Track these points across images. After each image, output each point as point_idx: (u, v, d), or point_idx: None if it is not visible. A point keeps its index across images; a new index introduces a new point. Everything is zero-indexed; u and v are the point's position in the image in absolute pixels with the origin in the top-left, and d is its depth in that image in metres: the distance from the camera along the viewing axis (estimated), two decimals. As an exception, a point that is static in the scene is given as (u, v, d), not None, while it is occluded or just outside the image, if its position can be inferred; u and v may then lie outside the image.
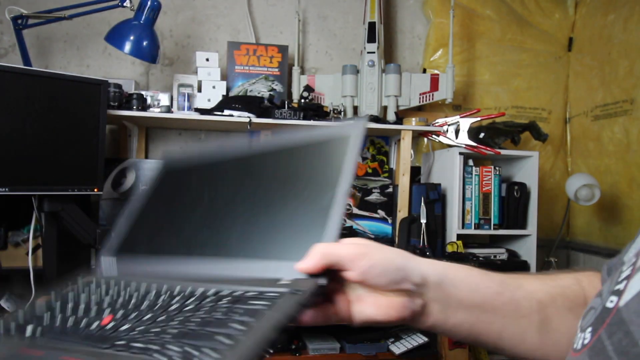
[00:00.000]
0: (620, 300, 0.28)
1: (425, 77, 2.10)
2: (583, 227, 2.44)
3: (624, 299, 0.27)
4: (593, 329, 0.29)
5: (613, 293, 0.29)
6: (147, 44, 1.69)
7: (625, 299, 0.27)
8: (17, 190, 1.37)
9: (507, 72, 2.41)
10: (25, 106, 1.38)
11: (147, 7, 1.69)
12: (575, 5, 2.48)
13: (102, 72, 2.04)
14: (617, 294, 0.28)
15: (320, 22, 2.26)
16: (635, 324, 0.25)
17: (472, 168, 2.01)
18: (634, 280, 0.27)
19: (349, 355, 1.66)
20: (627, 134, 2.15)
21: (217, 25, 2.16)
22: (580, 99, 2.44)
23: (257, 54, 2.01)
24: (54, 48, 2.01)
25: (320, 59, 2.27)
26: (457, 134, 2.02)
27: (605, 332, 0.28)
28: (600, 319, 0.29)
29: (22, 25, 1.67)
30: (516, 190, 2.05)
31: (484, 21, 2.36)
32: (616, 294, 0.28)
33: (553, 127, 2.47)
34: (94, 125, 1.54)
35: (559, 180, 2.46)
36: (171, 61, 2.11)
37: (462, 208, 1.98)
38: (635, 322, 0.25)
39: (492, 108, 2.38)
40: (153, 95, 1.82)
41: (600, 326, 0.28)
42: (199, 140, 2.14)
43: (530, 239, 2.07)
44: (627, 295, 0.27)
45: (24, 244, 1.73)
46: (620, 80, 2.19)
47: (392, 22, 2.34)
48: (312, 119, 1.87)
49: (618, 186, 2.21)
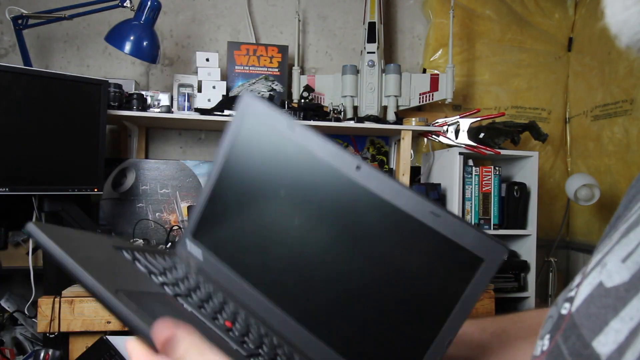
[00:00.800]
0: (572, 306, 0.29)
1: (425, 77, 2.10)
2: (583, 227, 2.44)
3: (575, 305, 0.29)
4: (550, 335, 0.31)
5: (566, 300, 0.31)
6: (147, 44, 1.69)
7: (576, 305, 0.29)
8: (17, 190, 1.37)
9: (507, 72, 2.41)
10: (25, 106, 1.39)
11: (147, 7, 1.69)
12: (575, 6, 2.49)
13: (102, 72, 2.04)
14: (570, 300, 0.30)
15: (320, 22, 2.27)
16: (585, 327, 0.27)
17: (472, 168, 2.01)
18: (583, 286, 0.29)
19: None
20: (627, 134, 2.15)
21: (217, 25, 2.16)
22: (580, 99, 2.44)
23: (257, 54, 2.01)
24: (54, 48, 2.01)
25: (320, 59, 2.27)
26: (457, 134, 2.02)
27: (561, 337, 0.29)
28: (557, 325, 0.30)
29: (22, 25, 1.67)
30: (516, 190, 2.05)
31: (484, 21, 2.36)
32: (569, 301, 0.30)
33: (553, 127, 2.47)
34: (94, 125, 1.54)
35: (559, 180, 2.46)
36: (171, 61, 2.12)
37: (462, 208, 1.98)
38: (585, 325, 0.27)
39: (492, 108, 2.38)
40: (153, 95, 1.82)
41: (556, 332, 0.30)
42: (199, 140, 2.14)
43: (530, 239, 2.07)
44: (577, 301, 0.29)
45: (24, 244, 1.73)
46: (620, 80, 2.19)
47: (392, 22, 2.34)
48: (312, 119, 1.87)
49: (618, 186, 2.21)
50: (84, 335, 1.45)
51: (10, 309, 1.74)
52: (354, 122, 1.92)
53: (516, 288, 2.04)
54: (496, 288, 1.80)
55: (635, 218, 0.30)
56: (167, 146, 2.11)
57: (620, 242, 0.29)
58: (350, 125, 1.90)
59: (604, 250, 0.31)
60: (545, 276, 2.31)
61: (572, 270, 2.50)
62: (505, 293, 2.01)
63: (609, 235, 0.35)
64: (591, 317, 0.27)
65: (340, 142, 2.21)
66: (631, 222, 0.30)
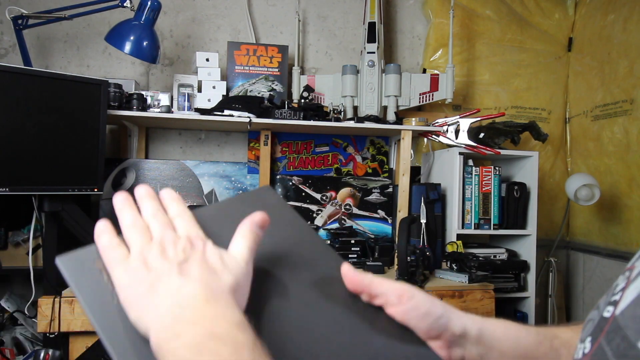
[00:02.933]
0: (617, 309, 0.29)
1: (425, 77, 2.10)
2: (583, 227, 2.44)
3: (620, 308, 0.29)
4: (592, 338, 0.31)
5: (610, 304, 0.31)
6: (147, 44, 1.69)
7: (621, 308, 0.29)
8: (17, 190, 1.37)
9: (507, 72, 2.41)
10: (25, 106, 1.38)
11: (147, 7, 1.69)
12: (575, 6, 2.49)
13: (102, 72, 2.04)
14: (614, 304, 0.30)
15: (320, 22, 2.27)
16: (630, 329, 0.27)
17: (472, 168, 2.01)
18: (629, 290, 0.29)
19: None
20: (627, 134, 2.15)
21: (217, 25, 2.16)
22: (580, 99, 2.44)
23: (257, 54, 2.01)
24: (54, 48, 2.01)
25: (320, 59, 2.27)
26: (457, 134, 2.02)
27: (604, 339, 0.29)
28: (599, 328, 0.30)
29: (22, 26, 1.67)
30: (516, 190, 2.05)
31: (484, 21, 2.36)
32: (612, 304, 0.30)
33: (553, 127, 2.47)
34: (94, 125, 1.54)
35: (559, 180, 2.46)
36: (171, 61, 2.11)
37: (462, 208, 1.98)
38: (630, 327, 0.27)
39: (492, 108, 2.38)
40: (153, 95, 1.82)
41: (599, 335, 0.30)
42: (199, 140, 2.14)
43: (530, 238, 2.07)
44: (622, 304, 0.29)
45: (24, 244, 1.73)
46: (620, 80, 2.19)
47: (392, 22, 2.34)
48: (312, 119, 1.87)
49: (618, 186, 2.21)
50: (84, 335, 1.46)
51: (10, 309, 1.74)
52: (354, 122, 1.92)
53: (516, 288, 2.04)
54: (496, 288, 1.80)
55: None
56: (167, 146, 2.11)
57: None
58: (350, 125, 1.90)
59: None
60: (545, 276, 2.31)
61: (572, 270, 2.50)
62: (505, 293, 2.01)
63: None
64: (636, 319, 0.27)
65: (340, 142, 2.22)
66: None
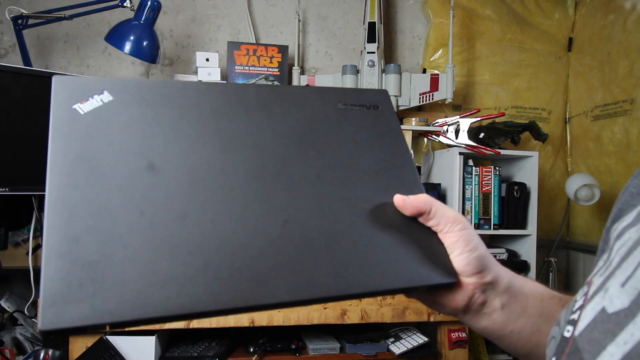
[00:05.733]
0: (576, 330, 0.30)
1: (425, 77, 2.10)
2: (583, 227, 2.44)
3: (579, 329, 0.30)
4: (556, 358, 0.31)
5: (569, 323, 0.32)
6: (147, 44, 1.69)
7: (580, 329, 0.30)
8: (17, 190, 1.37)
9: (507, 72, 2.41)
10: (25, 106, 1.39)
11: (147, 7, 1.69)
12: (575, 6, 2.49)
13: (102, 72, 2.04)
14: (573, 323, 0.31)
15: (320, 22, 2.27)
16: (587, 352, 0.28)
17: (472, 168, 2.01)
18: (586, 310, 0.30)
19: (349, 355, 1.65)
20: (627, 134, 2.15)
21: (217, 25, 2.16)
22: (580, 99, 2.44)
23: (257, 54, 2.02)
24: (54, 48, 2.01)
25: (320, 59, 2.27)
26: (457, 134, 2.02)
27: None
28: (561, 348, 0.31)
29: (22, 25, 1.67)
30: (516, 190, 2.05)
31: (484, 21, 2.36)
32: (572, 324, 0.31)
33: (553, 127, 2.47)
34: (94, 125, 1.54)
35: (559, 180, 2.46)
36: (171, 61, 2.12)
37: (462, 208, 1.98)
38: (587, 350, 0.28)
39: (492, 108, 2.38)
40: (153, 95, 1.82)
41: (561, 355, 0.31)
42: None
43: (530, 239, 2.07)
44: (580, 325, 0.30)
45: (24, 244, 1.73)
46: (620, 80, 2.19)
47: (392, 22, 2.34)
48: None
49: (618, 186, 2.20)
50: (84, 335, 1.45)
51: (10, 309, 1.74)
52: (354, 122, 1.92)
53: (516, 288, 2.03)
54: (496, 288, 1.80)
55: (635, 240, 0.30)
56: (167, 146, 2.11)
57: (621, 266, 0.30)
58: (350, 125, 1.90)
59: (605, 273, 0.31)
60: (545, 276, 2.31)
61: (572, 270, 2.50)
62: (505, 293, 2.01)
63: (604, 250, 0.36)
64: (592, 342, 0.28)
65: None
66: (630, 245, 0.30)
